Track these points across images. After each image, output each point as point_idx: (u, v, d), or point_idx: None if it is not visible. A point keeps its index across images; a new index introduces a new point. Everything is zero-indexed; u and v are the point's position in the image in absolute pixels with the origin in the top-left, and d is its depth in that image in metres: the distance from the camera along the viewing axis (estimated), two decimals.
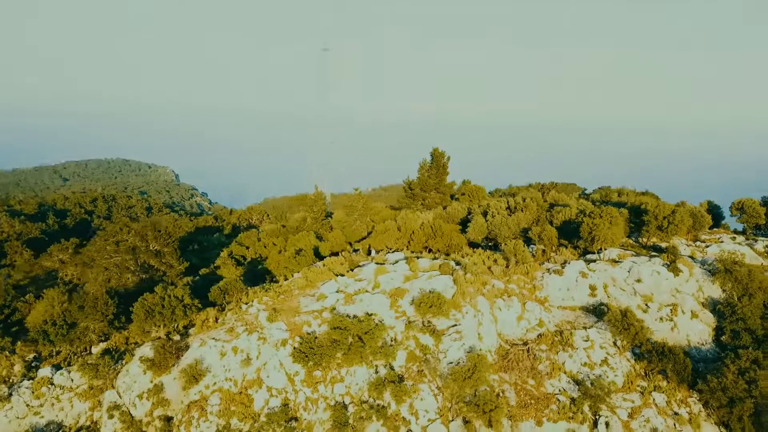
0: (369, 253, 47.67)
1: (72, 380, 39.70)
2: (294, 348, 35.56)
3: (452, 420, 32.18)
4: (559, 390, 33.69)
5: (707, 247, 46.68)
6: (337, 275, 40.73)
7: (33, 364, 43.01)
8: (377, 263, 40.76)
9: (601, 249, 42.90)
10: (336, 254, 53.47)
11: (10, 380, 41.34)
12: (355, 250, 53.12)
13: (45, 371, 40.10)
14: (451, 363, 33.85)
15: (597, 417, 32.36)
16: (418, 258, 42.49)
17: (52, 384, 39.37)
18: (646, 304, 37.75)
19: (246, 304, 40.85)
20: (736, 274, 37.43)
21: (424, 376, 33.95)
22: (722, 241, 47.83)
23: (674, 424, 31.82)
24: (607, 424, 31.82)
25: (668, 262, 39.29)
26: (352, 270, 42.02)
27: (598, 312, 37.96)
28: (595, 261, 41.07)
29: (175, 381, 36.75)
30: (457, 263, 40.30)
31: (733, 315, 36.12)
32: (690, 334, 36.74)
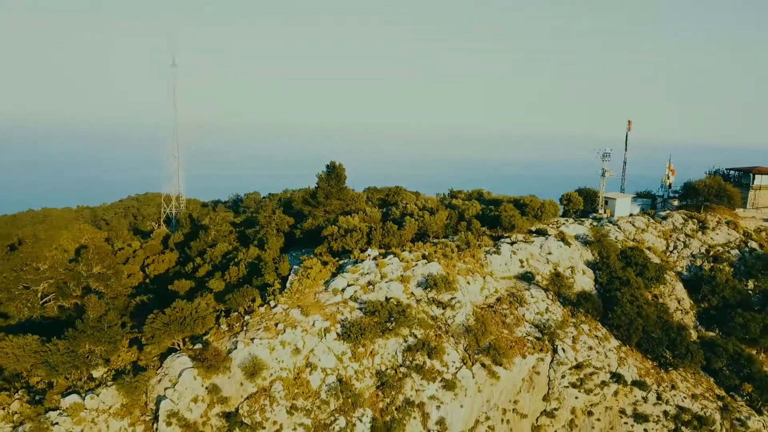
0: (332, 254, 55.42)
1: (103, 402, 40.63)
2: (338, 334, 43.13)
3: (473, 365, 43.79)
4: (526, 333, 47.74)
5: (558, 227, 65.74)
6: (339, 273, 48.66)
7: (37, 398, 41.83)
8: (373, 259, 49.76)
9: (509, 235, 58.40)
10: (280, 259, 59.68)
11: (20, 417, 40.10)
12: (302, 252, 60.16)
13: (71, 398, 40.17)
14: (459, 325, 45.35)
15: (555, 346, 47.22)
16: (386, 253, 52.51)
17: (86, 409, 39.86)
18: (555, 269, 54.22)
19: (261, 306, 46.13)
20: (604, 243, 56.19)
21: (442, 338, 44.81)
22: (564, 224, 67.48)
23: (598, 342, 48.37)
24: (563, 350, 46.89)
25: (560, 239, 56.46)
26: (342, 269, 50.22)
27: (526, 278, 53.11)
28: (514, 243, 56.25)
29: (230, 379, 41.11)
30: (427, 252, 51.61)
31: (607, 269, 54.63)
32: (583, 285, 54.21)
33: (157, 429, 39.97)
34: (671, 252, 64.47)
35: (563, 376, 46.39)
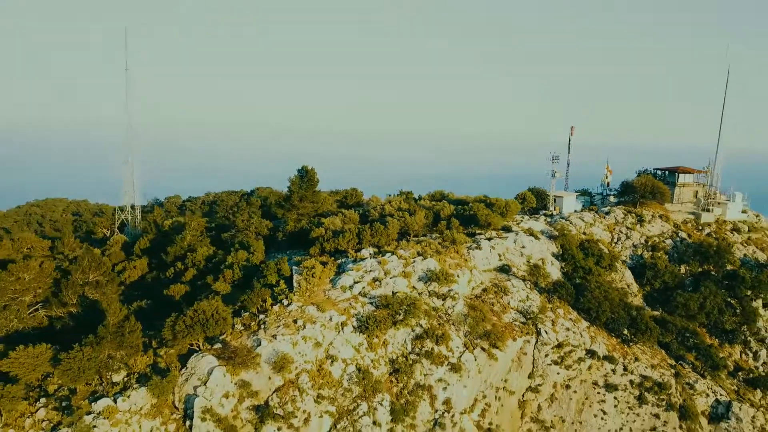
0: (327, 254, 58.49)
1: (134, 403, 41.99)
2: (354, 327, 46.69)
3: (474, 349, 48.79)
4: (513, 319, 53.42)
5: (518, 224, 72.39)
6: (343, 272, 52.10)
7: (63, 404, 42.42)
8: (375, 256, 53.58)
9: (483, 231, 64.10)
10: (264, 260, 62.00)
11: (49, 424, 40.72)
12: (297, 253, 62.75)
13: (103, 401, 41.24)
14: (458, 314, 50.22)
15: (538, 329, 53.22)
16: (380, 252, 56.54)
17: (119, 411, 41.07)
18: (529, 261, 60.47)
19: (273, 305, 48.75)
20: (567, 236, 63.16)
21: (444, 326, 49.48)
22: (522, 220, 74.25)
23: (573, 324, 54.96)
24: (546, 332, 52.99)
25: (530, 234, 62.84)
26: (342, 267, 53.70)
27: (505, 270, 58.95)
28: (491, 239, 61.97)
29: (258, 374, 43.61)
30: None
31: (572, 259, 61.60)
32: (552, 274, 60.82)
33: (190, 426, 41.84)
34: (616, 243, 72.87)
35: (546, 355, 52.46)
